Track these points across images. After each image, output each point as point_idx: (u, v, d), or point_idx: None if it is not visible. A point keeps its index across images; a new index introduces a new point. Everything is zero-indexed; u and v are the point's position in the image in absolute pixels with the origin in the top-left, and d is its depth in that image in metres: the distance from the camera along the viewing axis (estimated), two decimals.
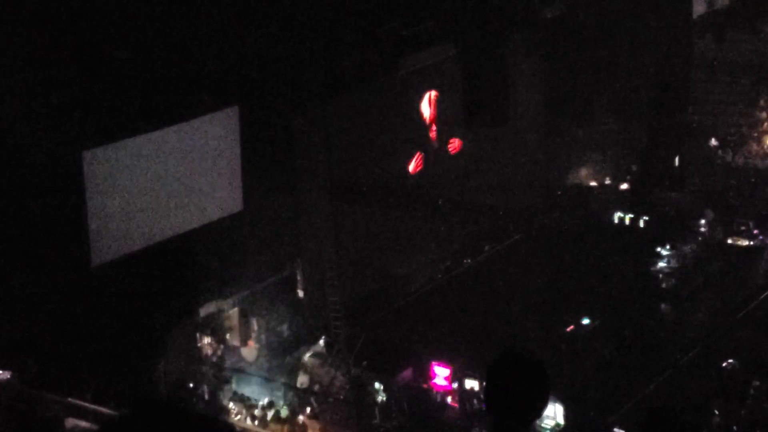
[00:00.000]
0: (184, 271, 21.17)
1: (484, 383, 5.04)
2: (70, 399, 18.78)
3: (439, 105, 28.12)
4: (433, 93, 27.77)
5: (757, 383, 23.19)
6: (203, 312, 24.21)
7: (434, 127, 28.24)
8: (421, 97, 27.66)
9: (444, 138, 28.63)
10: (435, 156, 28.51)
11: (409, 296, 27.53)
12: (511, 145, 30.37)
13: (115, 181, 18.80)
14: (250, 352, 25.12)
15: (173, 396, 22.27)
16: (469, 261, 29.34)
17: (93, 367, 19.84)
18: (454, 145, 28.85)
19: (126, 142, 18.84)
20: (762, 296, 26.79)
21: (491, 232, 30.25)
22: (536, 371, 4.93)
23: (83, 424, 18.94)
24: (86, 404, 19.08)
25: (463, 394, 23.79)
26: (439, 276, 28.66)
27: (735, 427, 22.05)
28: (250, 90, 20.59)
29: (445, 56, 27.22)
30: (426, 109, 27.86)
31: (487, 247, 29.95)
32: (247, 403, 23.70)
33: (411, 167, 27.76)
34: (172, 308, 21.81)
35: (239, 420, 23.41)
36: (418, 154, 27.78)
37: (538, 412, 4.96)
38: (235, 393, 23.90)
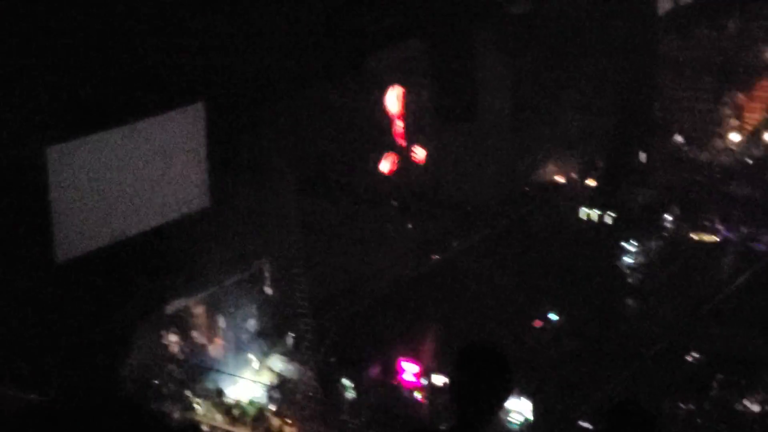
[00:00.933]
0: (149, 268, 21.06)
1: (449, 377, 5.06)
2: (33, 396, 18.62)
3: (405, 100, 28.14)
4: (400, 88, 27.78)
5: (721, 377, 23.39)
6: (169, 309, 24.12)
7: (400, 123, 28.23)
8: (387, 93, 27.69)
9: (410, 133, 28.64)
10: (402, 153, 28.52)
11: (377, 293, 27.55)
12: (478, 141, 30.42)
13: (80, 177, 18.68)
14: (216, 349, 25.05)
15: (138, 393, 22.19)
16: (436, 257, 29.39)
17: (57, 365, 19.71)
18: (418, 154, 28.84)
19: (91, 138, 18.72)
20: (726, 291, 27.01)
21: (459, 229, 30.31)
22: (498, 364, 4.96)
23: None
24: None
25: (431, 390, 23.84)
26: (407, 272, 28.69)
27: (699, 420, 22.23)
28: (216, 85, 20.51)
29: (412, 52, 27.24)
30: (392, 104, 27.86)
31: (454, 244, 30.02)
32: (214, 401, 23.64)
33: (386, 168, 27.75)
34: (137, 305, 21.70)
35: (207, 417, 23.35)
36: (391, 154, 27.77)
37: (501, 404, 4.99)
38: (201, 390, 23.83)
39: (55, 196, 18.27)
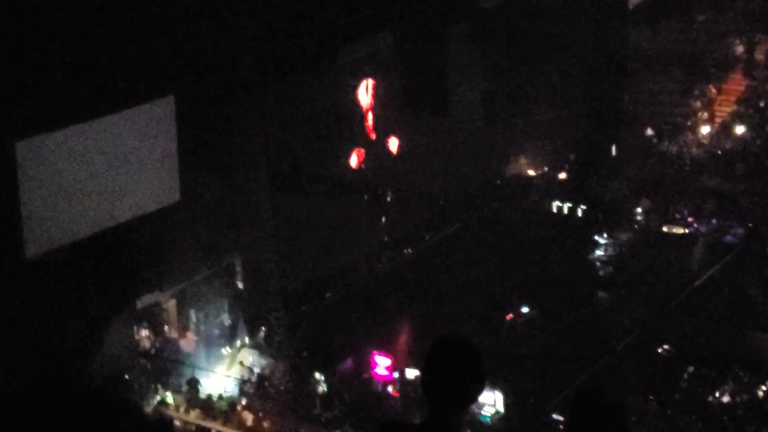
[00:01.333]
0: (120, 263, 20.99)
1: (421, 370, 5.06)
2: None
3: (376, 94, 28.12)
4: (371, 81, 27.76)
5: (691, 369, 23.52)
6: (140, 304, 24.04)
7: (371, 116, 28.22)
8: (358, 86, 27.68)
9: (381, 127, 28.63)
10: (373, 146, 28.50)
11: (350, 286, 27.54)
12: (450, 135, 30.45)
13: (49, 171, 18.57)
14: (188, 344, 24.99)
15: (109, 390, 22.10)
16: (409, 251, 29.40)
17: (27, 360, 19.61)
18: (391, 143, 28.83)
19: (60, 133, 18.62)
20: (696, 283, 27.16)
21: (431, 222, 30.35)
22: (470, 357, 4.95)
23: None
24: None
25: (404, 384, 23.86)
26: (380, 266, 28.69)
27: (670, 412, 22.34)
28: (186, 79, 20.44)
29: (383, 46, 27.22)
30: (363, 97, 27.85)
31: (427, 237, 30.05)
32: (185, 395, 23.58)
33: (353, 162, 27.74)
34: (108, 300, 21.61)
35: (178, 412, 23.30)
36: (358, 149, 27.76)
37: (473, 397, 4.99)
38: (173, 384, 23.77)
39: (24, 192, 18.15)
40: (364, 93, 27.85)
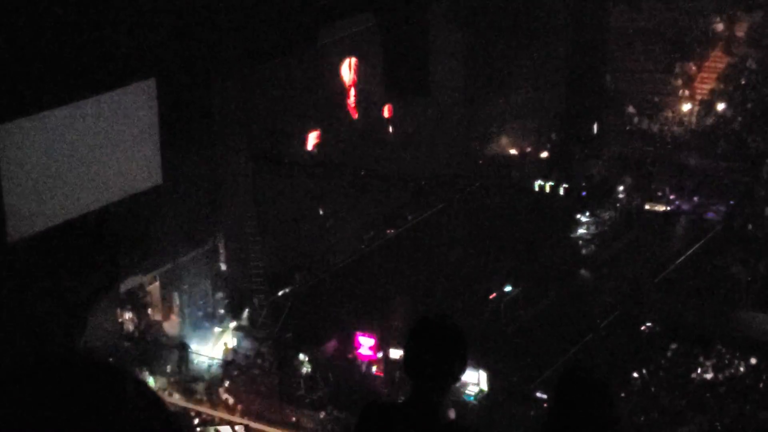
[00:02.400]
0: (103, 246, 20.94)
1: (404, 349, 5.07)
2: None
3: (359, 71, 28.12)
4: (353, 59, 27.75)
5: (674, 346, 23.64)
6: (124, 287, 24.01)
7: (354, 92, 28.21)
8: (341, 64, 27.69)
9: (365, 102, 28.63)
10: (360, 122, 28.53)
11: (333, 267, 27.57)
12: (432, 115, 30.46)
13: (31, 155, 18.50)
14: (172, 326, 24.99)
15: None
16: (392, 231, 29.44)
17: (10, 343, 19.58)
18: (386, 112, 28.90)
19: (42, 116, 18.53)
20: (678, 261, 27.26)
21: (414, 202, 30.37)
22: (452, 336, 4.96)
23: None
24: None
25: (387, 363, 23.92)
26: (363, 246, 28.72)
27: (653, 389, 22.47)
28: (168, 62, 20.36)
29: (364, 26, 27.17)
30: (346, 74, 27.85)
31: (410, 217, 30.08)
32: (169, 377, 23.59)
33: (309, 146, 27.73)
34: (92, 283, 21.57)
35: (162, 394, 23.31)
36: (315, 131, 27.72)
37: (456, 376, 5.00)
38: (156, 367, 23.77)
39: (4, 176, 18.07)
40: (347, 70, 27.82)
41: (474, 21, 29.92)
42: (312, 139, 27.60)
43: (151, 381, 23.43)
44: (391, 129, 29.34)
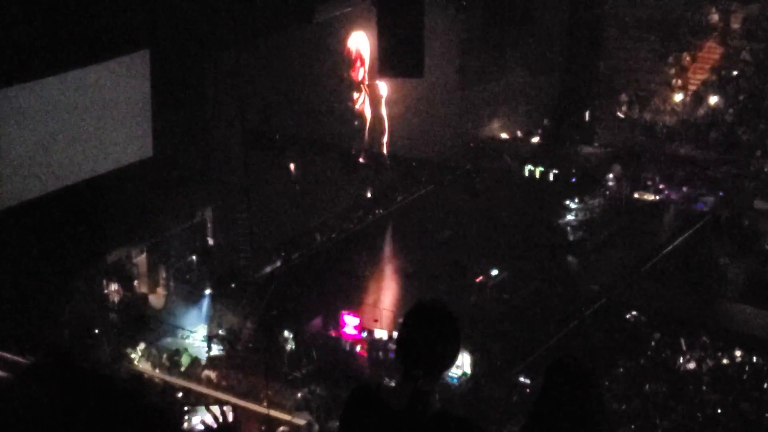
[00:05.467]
0: (91, 217, 20.86)
1: (397, 333, 5.05)
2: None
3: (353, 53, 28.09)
4: (362, 32, 27.83)
5: (658, 335, 23.70)
6: (111, 258, 23.94)
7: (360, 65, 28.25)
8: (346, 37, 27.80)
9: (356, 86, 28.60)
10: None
11: (321, 245, 27.54)
12: (425, 97, 30.39)
13: (21, 124, 18.39)
14: (158, 299, 24.93)
15: (77, 342, 22.04)
16: (381, 211, 29.40)
17: None
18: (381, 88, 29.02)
19: (32, 85, 18.41)
20: (666, 250, 27.31)
21: (404, 183, 30.33)
22: (448, 322, 4.95)
23: None
24: None
25: (372, 343, 23.94)
26: (351, 225, 28.69)
27: (636, 378, 22.53)
28: (162, 34, 20.25)
29: (360, 5, 27.05)
30: (353, 45, 27.98)
31: (399, 198, 30.05)
32: (153, 351, 23.55)
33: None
34: (78, 254, 21.51)
35: (146, 367, 23.28)
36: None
37: (449, 363, 4.99)
38: (142, 340, 23.73)
39: None
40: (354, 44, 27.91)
41: (469, 4, 29.79)
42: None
43: (137, 354, 23.42)
44: (385, 110, 29.27)
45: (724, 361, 22.90)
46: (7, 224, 18.78)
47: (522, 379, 22.27)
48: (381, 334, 24.00)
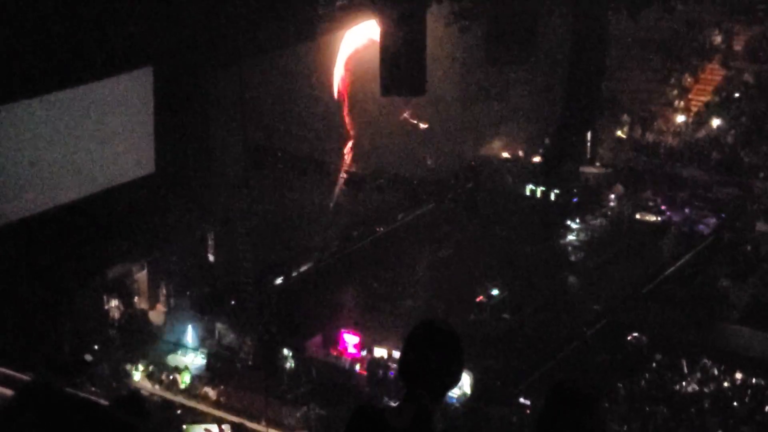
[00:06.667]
0: (93, 233, 20.86)
1: (400, 352, 5.02)
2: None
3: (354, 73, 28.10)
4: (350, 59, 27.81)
5: (660, 357, 23.63)
6: (111, 274, 23.92)
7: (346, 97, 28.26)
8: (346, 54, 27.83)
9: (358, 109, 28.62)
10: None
11: (321, 263, 27.49)
12: (426, 116, 30.41)
13: (25, 139, 18.42)
14: (158, 316, 24.90)
15: (77, 359, 22.01)
16: (381, 229, 29.37)
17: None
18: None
19: (36, 101, 18.45)
20: (667, 271, 27.24)
21: (404, 201, 30.30)
22: (452, 343, 4.92)
23: None
24: None
25: (371, 362, 23.87)
26: (352, 244, 28.64)
27: (637, 400, 22.45)
28: (165, 51, 20.28)
29: (363, 22, 27.13)
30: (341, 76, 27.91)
31: (399, 216, 30.02)
32: (152, 367, 23.49)
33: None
34: (79, 269, 21.50)
35: (145, 384, 23.22)
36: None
37: (452, 383, 4.96)
38: (141, 356, 23.68)
39: None
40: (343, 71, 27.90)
41: (473, 23, 29.81)
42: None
43: (136, 370, 23.37)
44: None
45: (725, 383, 22.83)
46: (8, 240, 18.79)
47: (522, 399, 22.19)
48: (381, 352, 23.95)
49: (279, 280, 26.23)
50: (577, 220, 29.58)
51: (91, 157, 19.75)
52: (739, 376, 22.90)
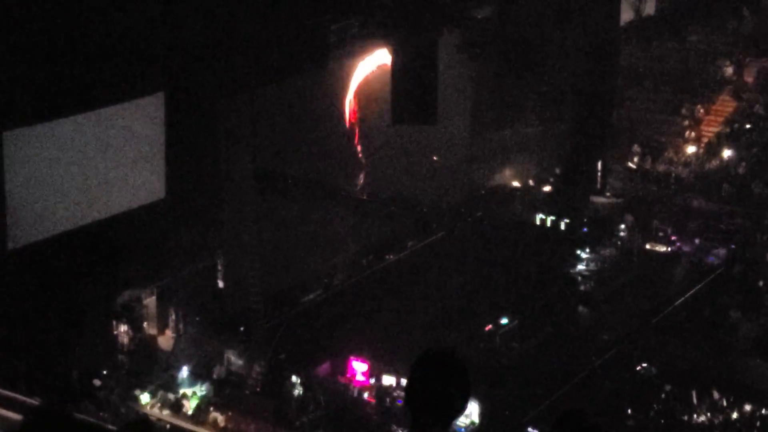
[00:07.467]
0: (102, 258, 20.91)
1: (406, 381, 5.03)
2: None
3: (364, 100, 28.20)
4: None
5: (669, 388, 23.55)
6: (121, 299, 23.95)
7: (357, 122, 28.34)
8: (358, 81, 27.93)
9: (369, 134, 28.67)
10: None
11: (330, 290, 27.48)
12: (437, 144, 30.46)
13: (35, 163, 18.49)
14: (167, 341, 24.89)
15: (85, 384, 22.01)
16: (391, 257, 29.36)
17: (5, 352, 19.53)
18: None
19: (48, 125, 18.54)
20: (677, 302, 27.17)
21: (414, 229, 30.32)
22: (457, 371, 4.93)
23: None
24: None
25: (380, 390, 23.83)
26: (361, 271, 28.63)
27: (646, 430, 22.37)
28: (176, 77, 20.38)
29: (374, 50, 27.23)
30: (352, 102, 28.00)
31: (409, 244, 30.01)
32: (161, 393, 23.48)
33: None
34: (88, 295, 21.53)
35: (153, 409, 23.20)
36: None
37: (459, 412, 4.96)
38: (149, 382, 23.67)
39: (8, 182, 18.07)
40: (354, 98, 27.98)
41: (483, 52, 29.90)
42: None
43: (145, 396, 23.35)
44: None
45: (735, 415, 22.73)
46: (18, 264, 18.84)
47: (530, 429, 22.11)
48: (389, 380, 23.89)
49: (288, 307, 26.21)
50: (587, 250, 29.54)
51: (102, 182, 19.82)
52: (748, 407, 22.80)
